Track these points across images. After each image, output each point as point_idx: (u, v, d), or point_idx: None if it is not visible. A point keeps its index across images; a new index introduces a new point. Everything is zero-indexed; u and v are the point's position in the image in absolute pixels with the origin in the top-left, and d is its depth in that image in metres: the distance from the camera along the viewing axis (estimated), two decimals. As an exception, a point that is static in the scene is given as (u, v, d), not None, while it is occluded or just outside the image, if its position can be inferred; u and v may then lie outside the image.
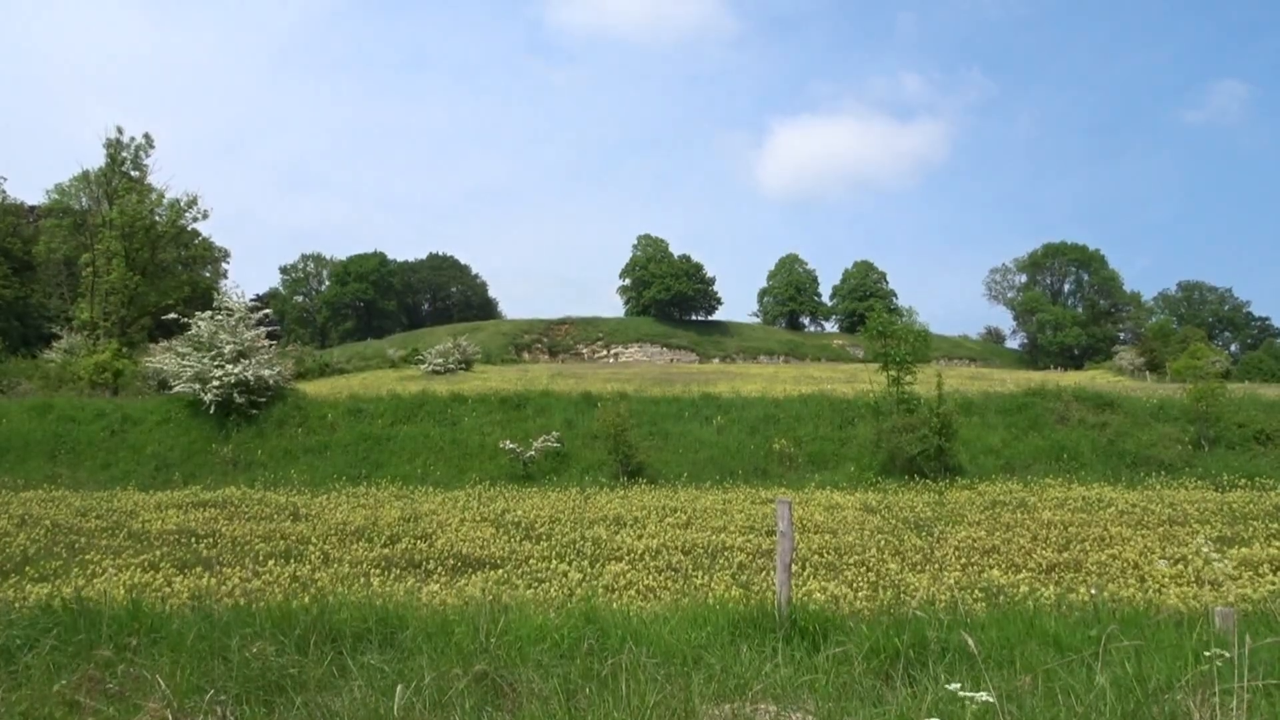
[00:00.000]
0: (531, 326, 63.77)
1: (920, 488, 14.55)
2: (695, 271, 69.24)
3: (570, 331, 64.94)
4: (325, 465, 17.15)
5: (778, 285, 79.37)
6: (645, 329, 65.19)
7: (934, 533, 10.38)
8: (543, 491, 14.66)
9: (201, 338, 20.54)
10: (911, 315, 19.11)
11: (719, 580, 7.87)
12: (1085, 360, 65.11)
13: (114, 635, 3.95)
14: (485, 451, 17.81)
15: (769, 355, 64.60)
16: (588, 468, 16.93)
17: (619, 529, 10.82)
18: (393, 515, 11.74)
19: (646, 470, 16.33)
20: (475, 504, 13.01)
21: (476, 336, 52.72)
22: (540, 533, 10.57)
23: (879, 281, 78.93)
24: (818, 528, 10.88)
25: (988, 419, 19.44)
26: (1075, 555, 8.97)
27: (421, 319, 79.36)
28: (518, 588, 7.55)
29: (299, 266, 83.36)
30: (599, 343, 63.69)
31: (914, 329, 18.36)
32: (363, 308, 75.33)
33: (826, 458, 17.43)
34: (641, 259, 74.39)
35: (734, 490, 14.63)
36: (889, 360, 18.02)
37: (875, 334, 18.40)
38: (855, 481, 15.58)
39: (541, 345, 61.68)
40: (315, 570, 8.43)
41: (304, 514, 12.08)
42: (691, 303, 69.05)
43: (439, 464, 17.24)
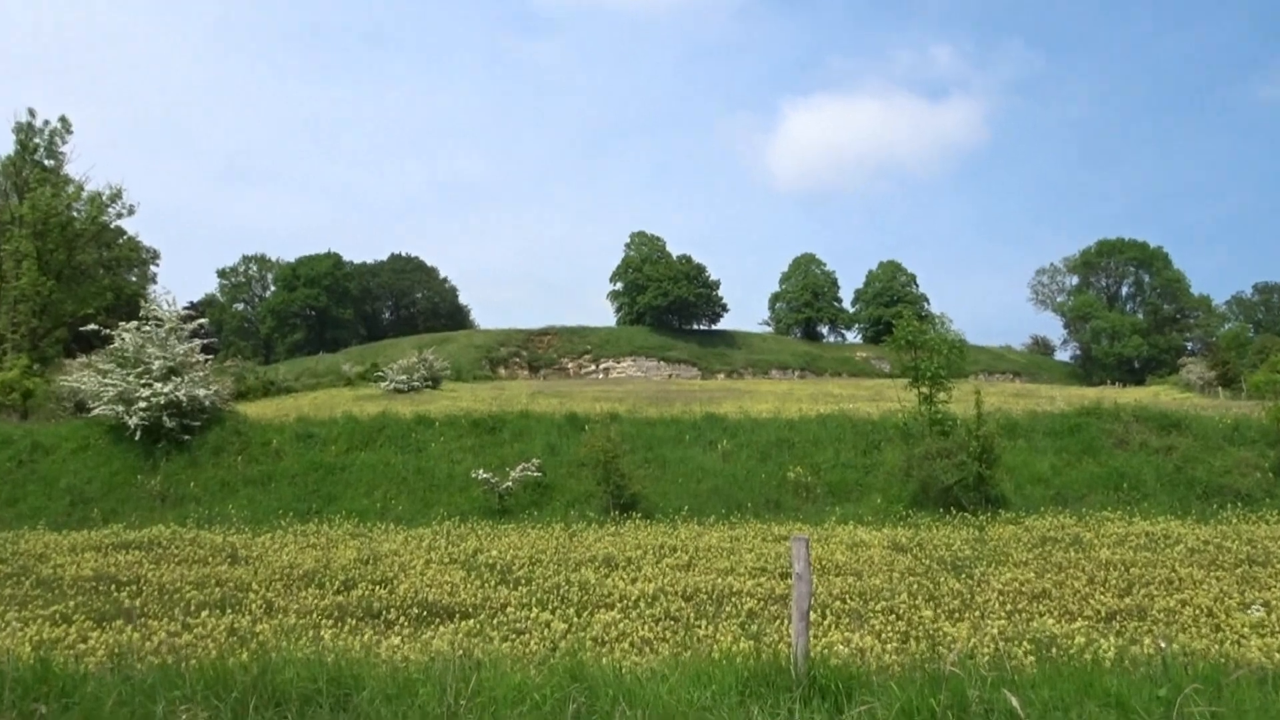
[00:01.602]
0: (509, 338, 63.82)
1: (958, 522, 14.55)
2: (697, 274, 69.57)
3: (553, 343, 65.01)
4: (269, 499, 17.06)
5: (791, 289, 79.85)
6: (640, 340, 65.35)
7: (974, 575, 10.36)
8: (521, 528, 14.61)
9: (126, 352, 20.47)
10: (945, 323, 19.14)
11: (725, 631, 7.84)
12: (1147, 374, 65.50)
13: (18, 700, 3.90)
14: (455, 482, 17.75)
15: (782, 370, 64.81)
16: (573, 500, 16.90)
17: (610, 571, 10.78)
18: (348, 557, 11.67)
19: (641, 503, 16.30)
20: (443, 543, 12.94)
21: (445, 349, 52.62)
22: (519, 576, 10.52)
23: (908, 285, 79.49)
24: (839, 569, 10.86)
25: (1035, 442, 19.48)
26: (1139, 600, 8.97)
27: (382, 329, 79.30)
28: (492, 640, 7.50)
29: (240, 269, 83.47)
30: (586, 356, 63.77)
31: (948, 339, 18.44)
32: (314, 317, 75.26)
33: (849, 488, 17.42)
34: (635, 260, 74.70)
35: (742, 526, 14.61)
36: (920, 375, 18.07)
37: (903, 345, 18.48)
38: (882, 515, 15.58)
39: (520, 359, 61.71)
40: (257, 622, 8.36)
41: (244, 556, 12.00)
42: (693, 310, 69.34)
43: (401, 497, 17.18)
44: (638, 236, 77.37)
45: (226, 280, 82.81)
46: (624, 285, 74.81)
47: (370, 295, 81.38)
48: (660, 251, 75.44)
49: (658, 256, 74.22)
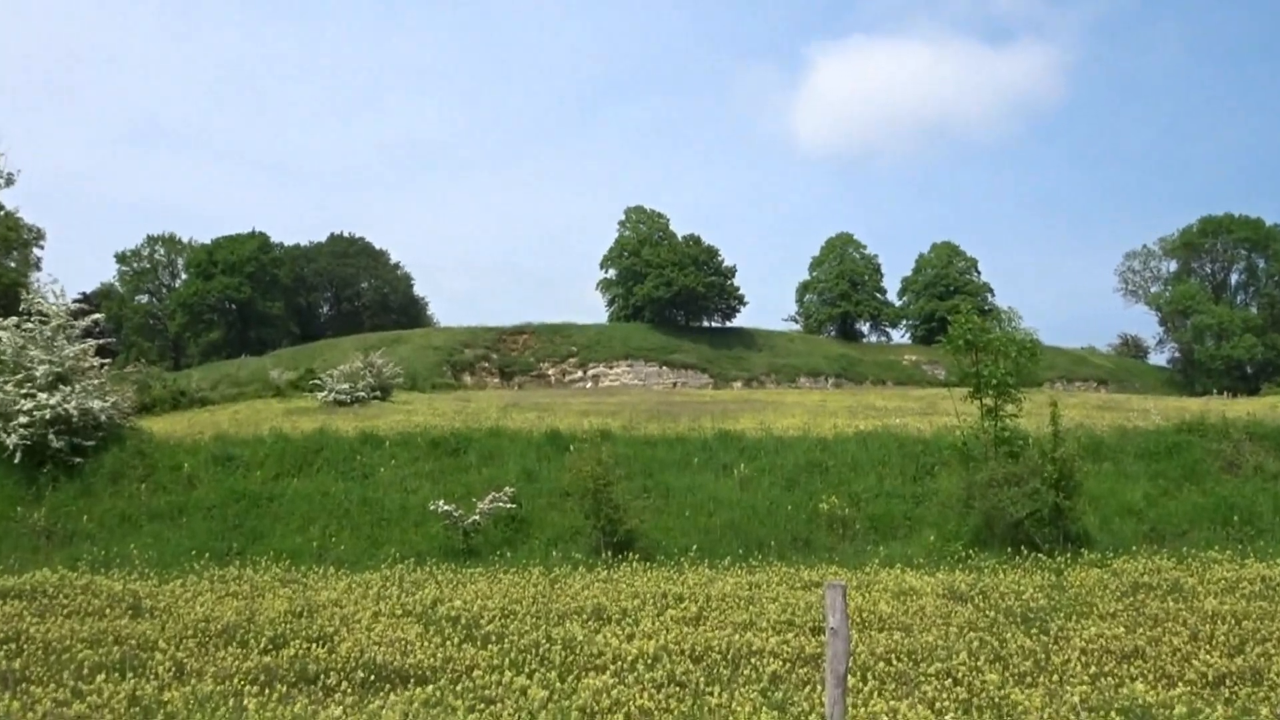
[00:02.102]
0: (476, 338, 63.82)
1: (1029, 565, 14.57)
2: (707, 259, 69.72)
3: (531, 344, 65.01)
4: (180, 536, 17.05)
5: (824, 278, 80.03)
6: (637, 340, 65.42)
7: (1050, 629, 10.38)
8: (492, 572, 14.63)
9: (3, 354, 20.47)
10: (1014, 319, 19.20)
11: (743, 699, 7.85)
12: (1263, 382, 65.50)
13: None
14: (409, 516, 17.76)
15: (813, 377, 64.87)
16: (556, 538, 16.93)
17: (600, 626, 10.79)
18: (277, 608, 11.68)
19: (639, 541, 16.32)
20: (395, 591, 12.95)
21: (398, 352, 52.49)
22: (488, 632, 10.53)
23: (967, 272, 79.70)
24: (884, 623, 10.87)
25: (1125, 466, 19.51)
26: (1253, 661, 8.99)
27: (319, 327, 79.27)
28: (456, 712, 7.50)
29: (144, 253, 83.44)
30: (572, 360, 63.77)
31: (1017, 338, 18.50)
32: (235, 311, 75.19)
33: (895, 522, 17.45)
34: (631, 241, 74.73)
35: (764, 569, 14.63)
36: (982, 384, 18.12)
37: (962, 346, 18.53)
38: (936, 556, 15.61)
39: (490, 364, 61.70)
40: (164, 688, 8.36)
41: (149, 607, 12.00)
42: (702, 303, 69.44)
43: (343, 534, 17.19)
44: (635, 213, 77.40)
45: (128, 267, 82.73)
46: (618, 273, 74.79)
47: (305, 285, 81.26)
48: (662, 231, 75.47)
49: (659, 237, 74.25)
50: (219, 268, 74.07)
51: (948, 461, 19.20)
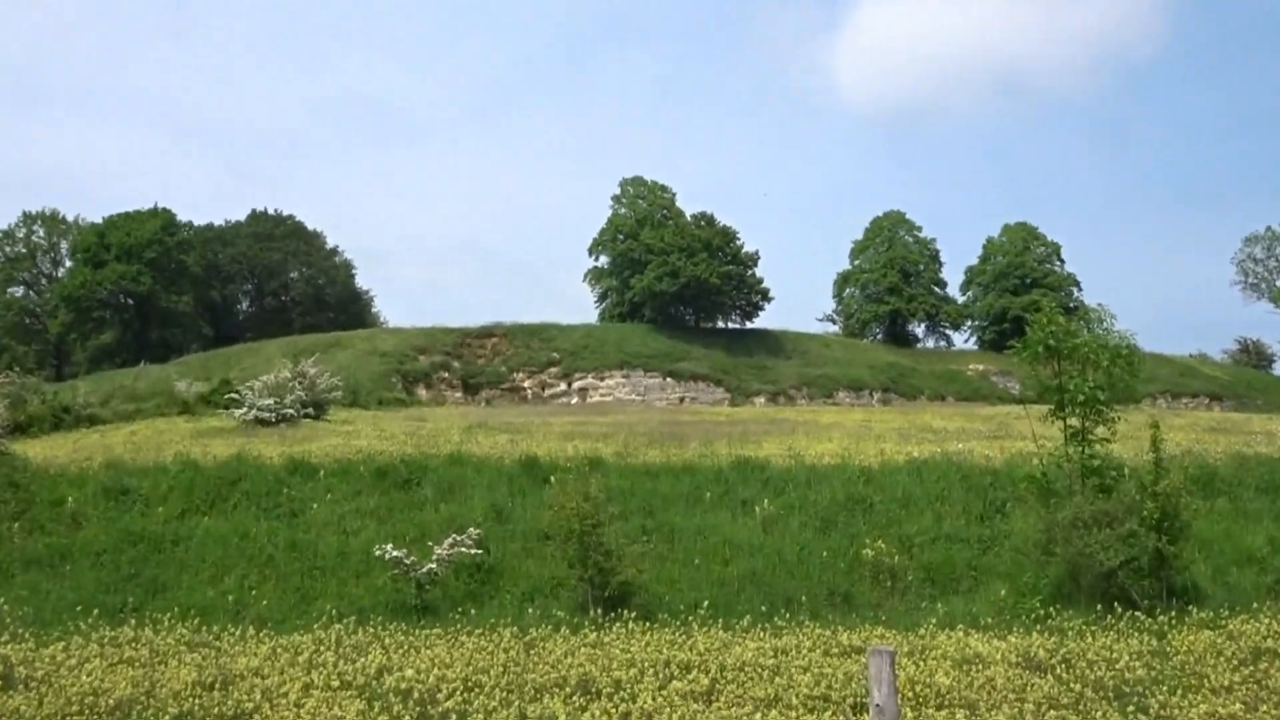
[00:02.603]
0: (433, 341, 63.75)
1: (1124, 626, 14.53)
2: (723, 243, 69.71)
3: (502, 350, 64.93)
4: (63, 589, 16.96)
5: (869, 267, 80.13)
6: (635, 345, 65.40)
7: (1150, 707, 10.35)
8: (452, 635, 14.57)
9: None
10: (1106, 320, 19.14)
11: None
12: None
13: None
14: (349, 563, 17.70)
15: (854, 391, 64.81)
16: (532, 591, 16.87)
17: (588, 702, 10.74)
18: (183, 678, 11.63)
19: (637, 595, 16.25)
20: (331, 658, 12.89)
21: (335, 358, 52.23)
22: (446, 710, 10.48)
23: (1046, 260, 79.78)
24: (943, 698, 10.84)
25: (1244, 503, 19.46)
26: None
27: (238, 327, 79.21)
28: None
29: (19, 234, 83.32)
30: (553, 370, 63.68)
31: (1111, 343, 18.47)
32: (132, 307, 75.07)
33: (957, 573, 17.41)
34: (628, 221, 74.76)
35: (793, 631, 14.59)
36: (1067, 400, 18.08)
37: (1041, 353, 18.50)
38: (1008, 615, 15.56)
39: (451, 374, 61.62)
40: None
41: (23, 677, 11.94)
42: (717, 299, 69.44)
43: (267, 585, 17.11)
44: (632, 186, 77.45)
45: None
46: (611, 261, 74.76)
47: (220, 274, 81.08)
48: (667, 209, 75.48)
49: (663, 216, 74.27)
50: (112, 253, 73.87)
51: (1023, 497, 19.15)
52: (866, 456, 23.58)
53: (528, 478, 21.09)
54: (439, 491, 20.55)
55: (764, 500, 19.73)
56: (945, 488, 20.31)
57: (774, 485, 20.75)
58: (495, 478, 21.18)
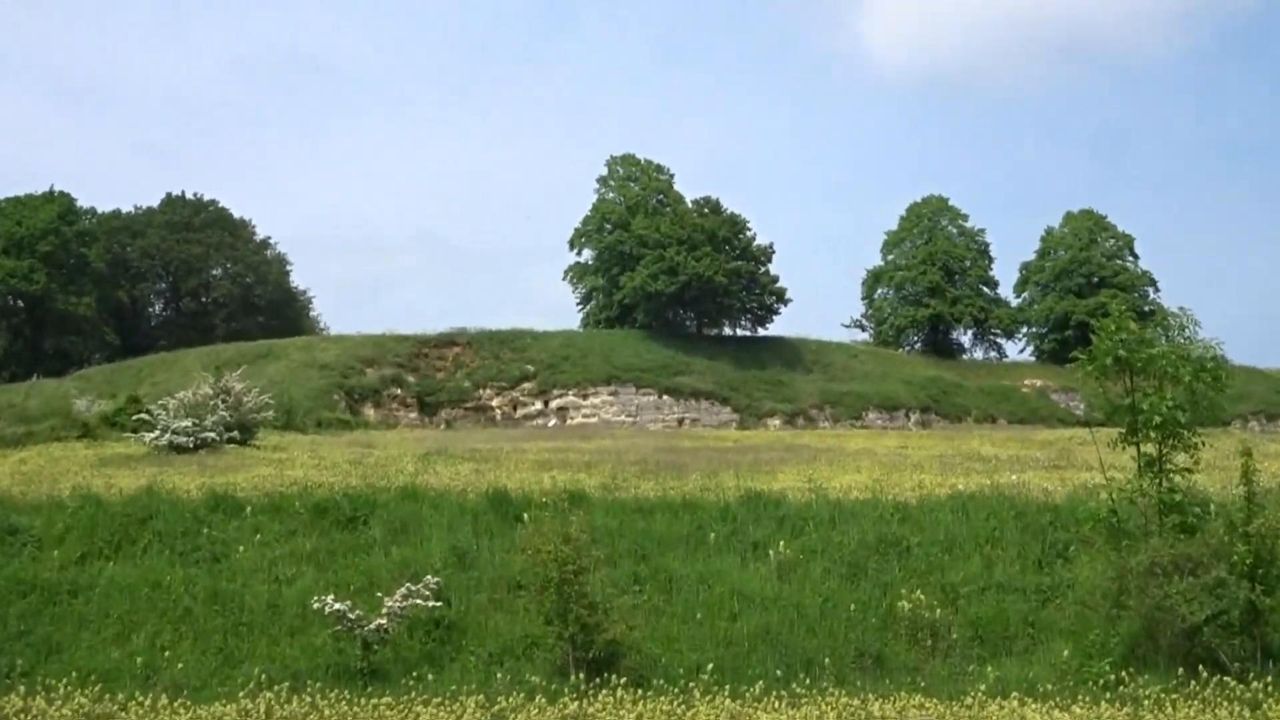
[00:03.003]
0: (383, 351, 63.63)
1: (1211, 693, 14.49)
2: (731, 234, 69.81)
3: (466, 361, 64.82)
4: (-66, 649, 16.83)
5: (905, 264, 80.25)
6: (625, 356, 65.36)
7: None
8: (405, 705, 14.51)
9: None
10: (1188, 327, 19.11)
11: None
12: None
13: None
14: (282, 618, 17.62)
15: (888, 411, 64.83)
16: (501, 652, 16.82)
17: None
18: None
19: (627, 657, 16.22)
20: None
21: (266, 372, 52.07)
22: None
23: (1117, 255, 79.99)
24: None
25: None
26: None
27: (149, 335, 79.01)
28: None
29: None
30: (527, 386, 63.58)
31: (1194, 355, 18.45)
32: (23, 311, 74.94)
33: (1011, 630, 17.38)
34: (617, 208, 74.86)
35: (814, 701, 14.55)
36: (1142, 422, 18.05)
37: (1110, 366, 18.48)
38: (1072, 681, 15.53)
39: (405, 391, 61.47)
40: None
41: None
42: (724, 301, 69.45)
43: (183, 645, 17.02)
44: (622, 166, 77.56)
45: None
46: (597, 255, 74.80)
47: (128, 271, 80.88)
48: (664, 193, 75.60)
49: (659, 202, 74.38)
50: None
51: (1089, 539, 19.12)
52: (902, 490, 23.52)
53: (496, 515, 21.03)
54: (390, 532, 20.46)
55: (779, 542, 19.67)
56: (996, 527, 20.27)
57: (791, 525, 20.70)
58: (457, 515, 21.10)
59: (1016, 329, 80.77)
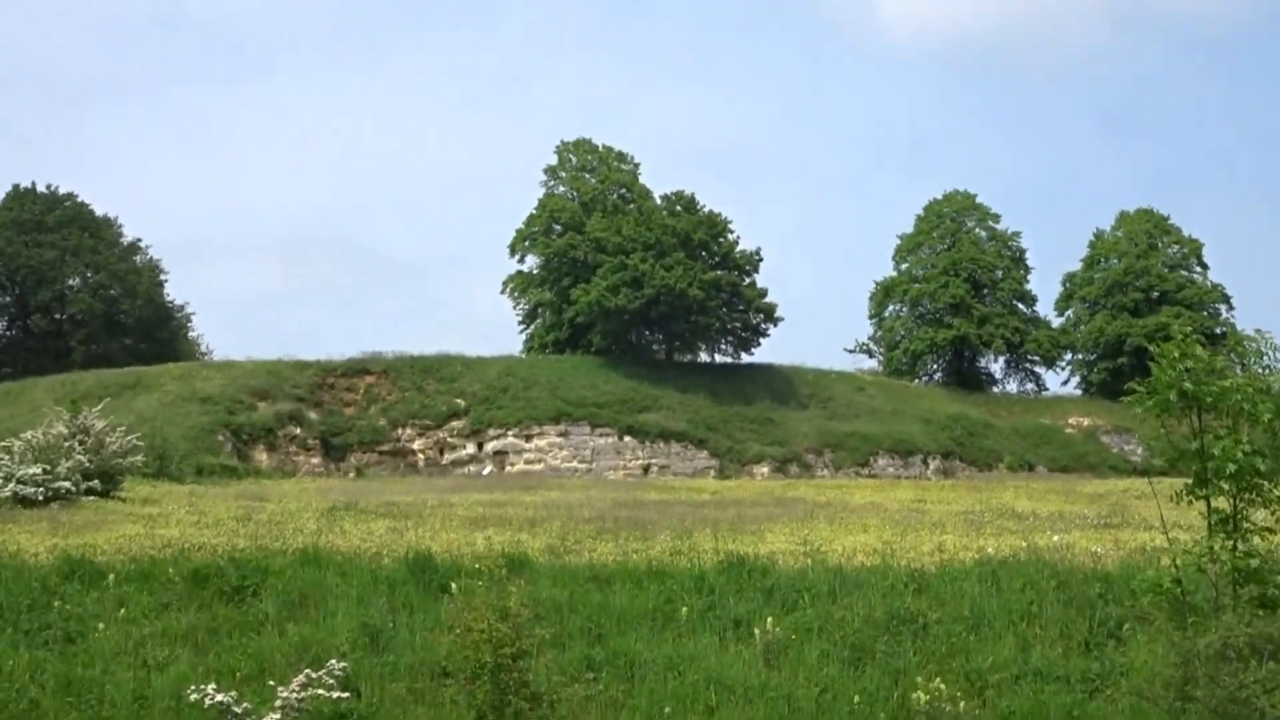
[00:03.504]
0: (279, 381, 63.54)
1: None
2: (710, 237, 70.12)
3: (381, 395, 64.79)
4: None
5: (923, 274, 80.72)
6: (578, 387, 65.46)
7: None
8: (305, 822, 14.43)
9: None
10: (1268, 353, 19.28)
11: None
12: None
13: None
14: (151, 712, 17.47)
15: (901, 457, 65.15)
16: (424, 754, 16.74)
17: None
18: None
19: (579, 761, 16.21)
20: None
21: (135, 406, 51.82)
22: None
23: (1182, 264, 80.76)
24: None
25: None
26: None
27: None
28: None
29: None
30: (457, 424, 63.58)
31: (1276, 387, 18.59)
32: None
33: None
34: (567, 204, 74.93)
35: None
36: (1212, 471, 18.18)
37: (1174, 401, 18.57)
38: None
39: (306, 430, 61.37)
40: None
41: None
42: (700, 320, 69.58)
43: (27, 747, 16.90)
44: (576, 152, 77.73)
45: None
46: (544, 263, 74.91)
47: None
48: (626, 186, 75.84)
49: (621, 197, 74.55)
50: None
51: (1147, 615, 19.20)
52: (918, 555, 23.60)
53: (417, 585, 20.98)
54: (285, 606, 20.36)
55: (767, 619, 19.66)
56: (1034, 601, 20.36)
57: (782, 597, 20.73)
58: (369, 586, 21.04)
59: (1059, 355, 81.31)
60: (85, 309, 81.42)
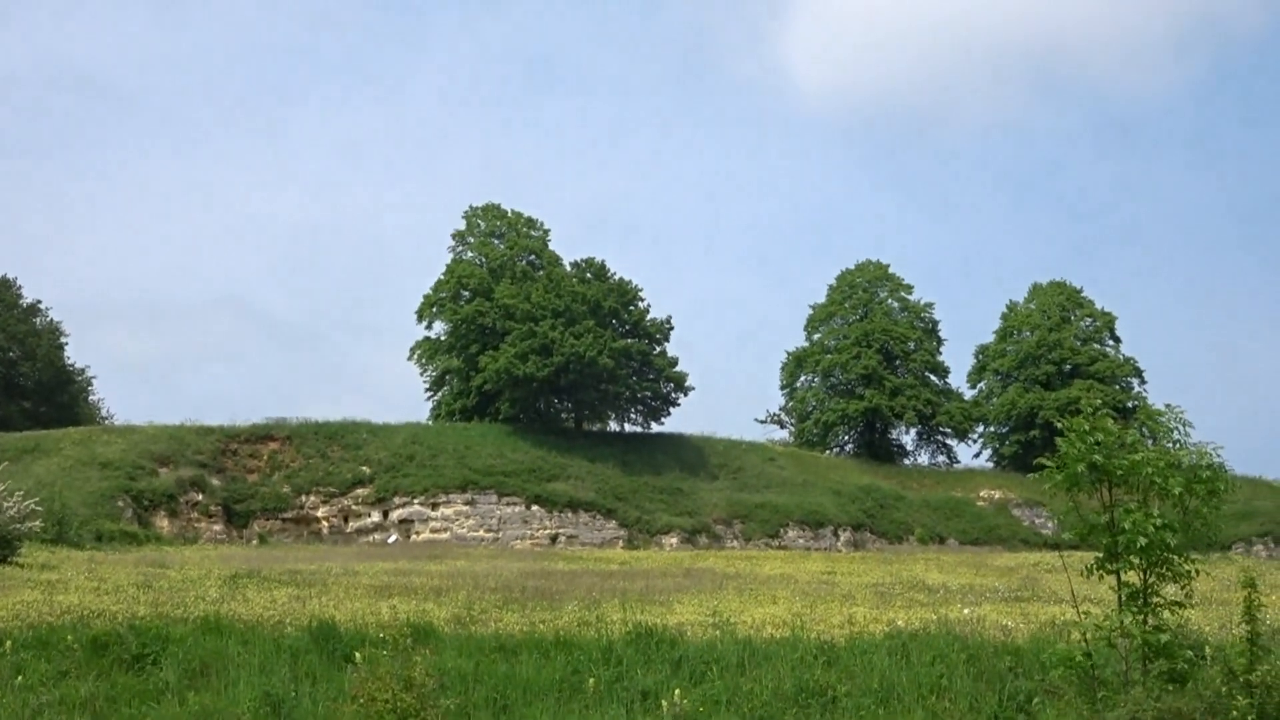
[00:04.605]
0: (181, 447, 63.04)
1: None
2: (620, 304, 70.49)
3: (285, 461, 64.41)
4: None
5: (835, 343, 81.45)
6: (486, 456, 65.36)
7: None
8: None
9: None
10: (1178, 427, 19.47)
11: None
12: None
13: None
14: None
15: (812, 528, 65.44)
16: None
17: None
18: None
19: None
20: None
21: (33, 471, 51.22)
22: None
23: (1095, 338, 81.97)
24: None
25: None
26: None
27: None
28: None
29: None
30: (361, 492, 63.33)
31: (1186, 462, 18.75)
32: None
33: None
34: (475, 270, 75.14)
35: None
36: (1122, 545, 18.32)
37: (1085, 474, 18.72)
38: None
39: (208, 497, 60.87)
40: None
41: None
42: (610, 388, 69.76)
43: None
44: (484, 216, 78.12)
45: None
46: (451, 330, 74.92)
47: None
48: (536, 252, 76.14)
49: (530, 263, 74.84)
50: None
51: (1057, 689, 19.34)
52: (828, 627, 23.66)
53: (321, 655, 20.82)
54: (186, 674, 20.17)
55: (675, 691, 19.60)
56: (944, 674, 20.44)
57: (691, 669, 20.70)
58: (272, 654, 20.86)
59: (970, 428, 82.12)
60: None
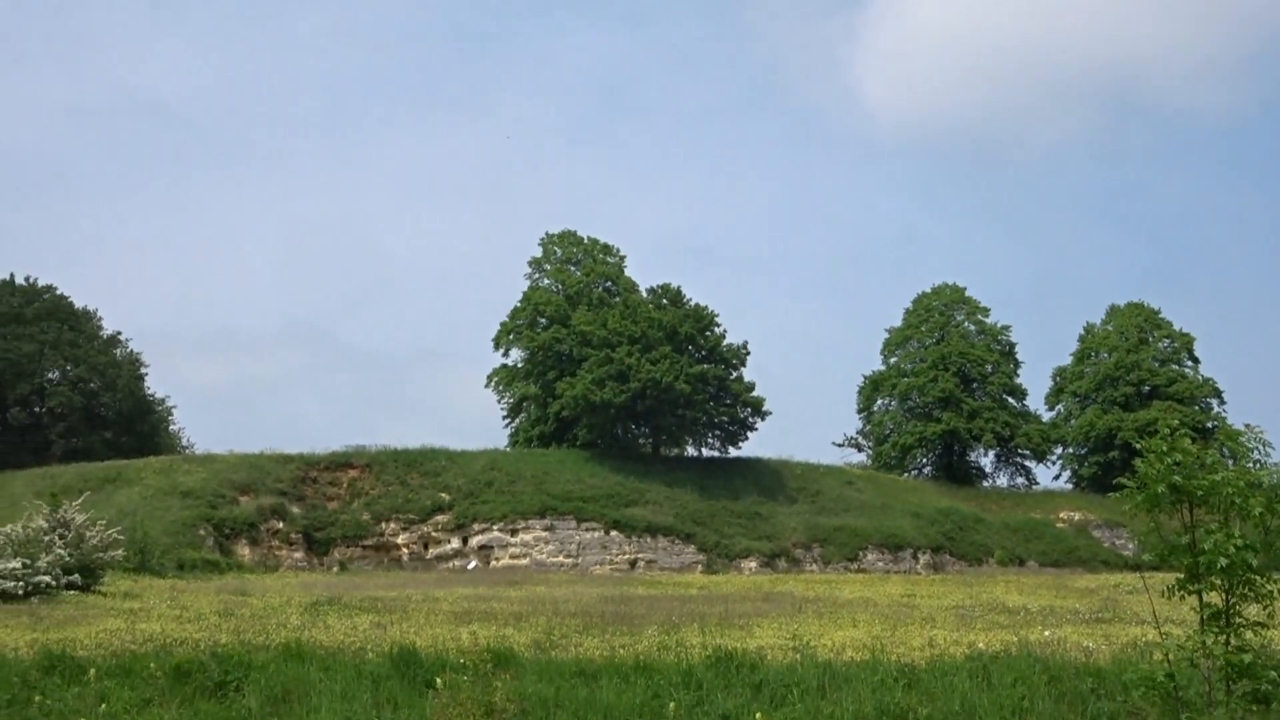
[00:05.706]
0: (261, 475, 63.34)
1: None
2: (697, 330, 70.24)
3: (365, 489, 64.56)
4: None
5: (912, 366, 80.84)
6: (564, 482, 65.29)
7: None
8: None
9: None
10: (1262, 448, 19.28)
11: None
12: None
13: None
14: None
15: (890, 550, 65.03)
16: None
17: None
18: None
19: None
20: None
21: (115, 500, 51.63)
22: None
23: (1174, 358, 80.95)
24: None
25: None
26: None
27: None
28: None
29: None
30: (441, 519, 63.32)
31: (1268, 482, 18.61)
32: None
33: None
34: (552, 297, 75.05)
35: None
36: (1203, 566, 18.21)
37: (1164, 495, 18.63)
38: None
39: (288, 525, 61.12)
40: None
41: None
42: (687, 414, 69.53)
43: None
44: (561, 244, 78.01)
45: None
46: (528, 357, 74.92)
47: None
48: (613, 279, 76.03)
49: (607, 289, 74.75)
50: None
51: (1140, 710, 19.21)
52: (908, 650, 23.51)
53: (402, 681, 20.87)
54: (269, 701, 20.23)
55: (755, 715, 19.61)
56: (1025, 696, 20.31)
57: (771, 693, 20.64)
58: (353, 681, 20.92)
59: (1049, 450, 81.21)
60: (65, 402, 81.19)
